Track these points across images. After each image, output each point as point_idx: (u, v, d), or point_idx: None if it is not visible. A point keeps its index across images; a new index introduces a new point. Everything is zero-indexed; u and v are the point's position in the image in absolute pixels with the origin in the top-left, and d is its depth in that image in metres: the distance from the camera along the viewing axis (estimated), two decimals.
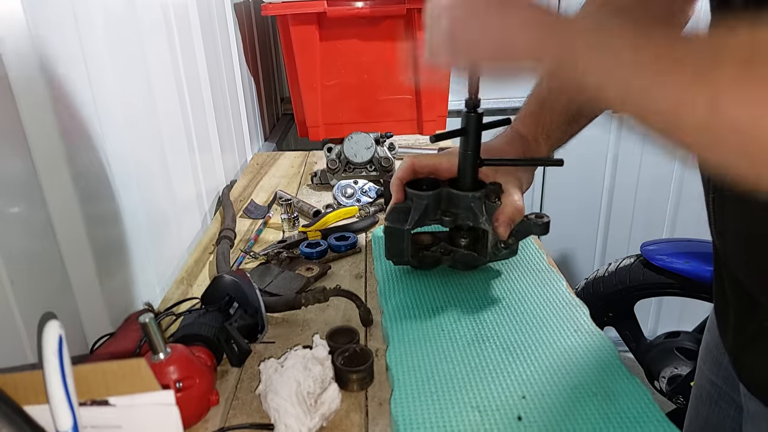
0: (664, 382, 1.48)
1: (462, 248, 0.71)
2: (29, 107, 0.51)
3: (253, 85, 1.50)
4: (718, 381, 0.70)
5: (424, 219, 0.68)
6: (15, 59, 0.49)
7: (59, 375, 0.35)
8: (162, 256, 0.80)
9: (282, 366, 0.52)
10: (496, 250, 0.68)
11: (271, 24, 1.80)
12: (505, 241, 0.66)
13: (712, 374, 0.71)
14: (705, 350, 0.73)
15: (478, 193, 0.65)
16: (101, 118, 0.64)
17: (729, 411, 0.68)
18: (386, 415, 0.52)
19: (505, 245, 0.67)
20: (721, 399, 0.69)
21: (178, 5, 0.92)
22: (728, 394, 0.68)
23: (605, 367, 0.55)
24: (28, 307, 0.50)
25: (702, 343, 0.75)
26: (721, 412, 0.69)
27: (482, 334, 0.61)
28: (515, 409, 0.50)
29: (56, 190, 0.55)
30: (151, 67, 0.79)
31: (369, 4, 1.28)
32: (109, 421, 0.41)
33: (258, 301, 0.62)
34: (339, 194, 1.03)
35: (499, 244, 0.67)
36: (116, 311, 0.65)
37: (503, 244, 0.67)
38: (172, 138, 0.86)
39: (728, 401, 0.68)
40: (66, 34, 0.59)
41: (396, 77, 1.38)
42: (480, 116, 0.63)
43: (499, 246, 0.68)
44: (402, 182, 0.69)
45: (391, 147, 1.13)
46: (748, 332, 0.56)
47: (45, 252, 0.54)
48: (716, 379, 0.70)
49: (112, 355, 0.55)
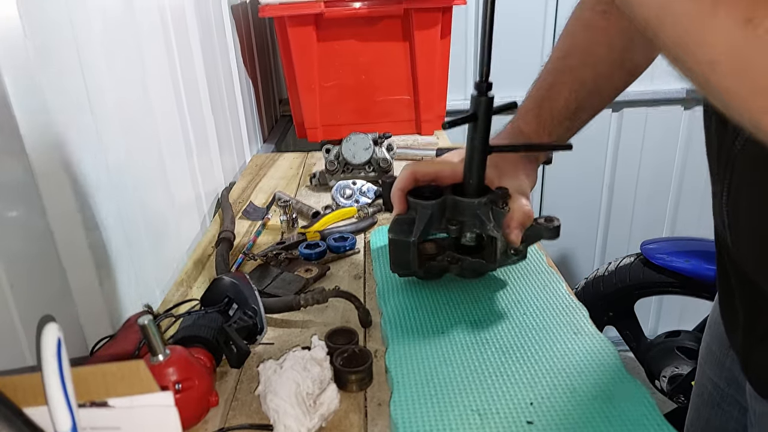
0: (665, 381, 1.48)
1: (469, 256, 0.68)
2: (26, 111, 0.51)
3: (251, 87, 1.50)
4: (720, 382, 0.69)
5: (429, 229, 0.65)
6: (11, 63, 0.49)
7: (58, 377, 0.35)
8: (161, 258, 0.80)
9: (281, 367, 0.53)
10: (506, 256, 0.66)
11: (268, 25, 1.80)
12: (516, 247, 0.64)
13: (714, 375, 0.70)
14: (706, 350, 0.72)
15: (484, 198, 0.63)
16: (98, 120, 0.64)
17: (732, 412, 0.67)
18: (385, 416, 0.52)
19: (515, 251, 0.65)
20: (724, 401, 0.68)
21: (175, 7, 0.92)
22: (731, 395, 0.67)
23: (606, 369, 0.55)
24: (28, 310, 0.50)
25: (702, 343, 0.74)
26: (723, 413, 0.69)
27: (482, 337, 0.61)
28: (514, 412, 0.50)
29: (54, 193, 0.55)
30: (148, 69, 0.79)
31: (366, 5, 1.28)
32: (108, 422, 0.41)
33: (257, 303, 0.62)
34: (338, 195, 1.03)
35: (509, 250, 0.65)
36: (116, 313, 0.65)
37: (513, 250, 0.64)
38: (170, 140, 0.86)
39: (731, 403, 0.67)
40: (62, 38, 0.59)
41: (394, 77, 1.38)
42: (491, 100, 0.61)
43: (509, 252, 0.65)
44: (403, 192, 0.67)
45: (389, 148, 1.13)
46: (758, 332, 0.55)
47: (44, 255, 0.54)
48: (718, 380, 0.69)
49: (111, 357, 0.55)
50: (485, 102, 0.61)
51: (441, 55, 1.37)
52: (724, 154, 0.52)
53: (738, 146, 0.50)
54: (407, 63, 1.37)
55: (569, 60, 0.69)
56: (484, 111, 0.61)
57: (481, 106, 0.61)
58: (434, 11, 1.30)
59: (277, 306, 0.67)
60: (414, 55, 1.35)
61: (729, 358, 0.67)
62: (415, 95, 1.40)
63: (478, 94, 0.60)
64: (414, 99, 1.41)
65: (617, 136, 2.04)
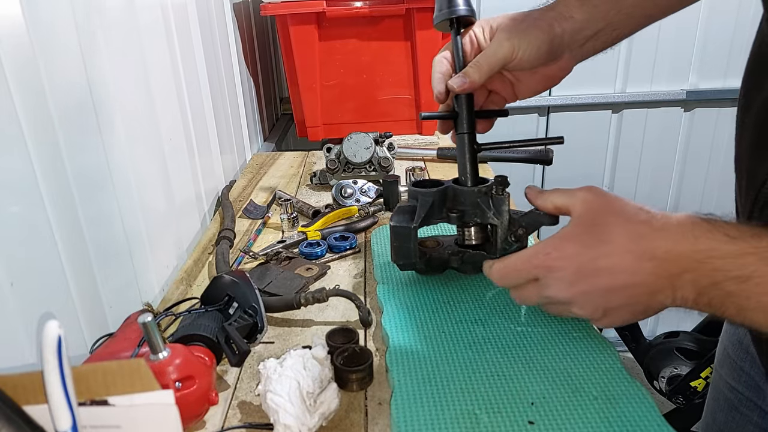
0: (664, 382, 1.48)
1: (470, 249, 0.68)
2: (28, 109, 0.51)
3: (252, 86, 1.50)
4: (738, 386, 0.67)
5: (430, 217, 0.66)
6: (14, 61, 0.49)
7: (58, 375, 0.35)
8: (161, 257, 0.80)
9: (281, 366, 0.52)
10: (507, 245, 0.65)
11: (270, 24, 1.80)
12: (516, 233, 0.63)
13: (731, 379, 0.69)
14: (722, 355, 0.71)
15: (483, 187, 0.64)
16: (100, 118, 0.64)
17: (751, 416, 0.66)
18: (386, 415, 0.52)
19: (516, 238, 0.64)
20: (742, 404, 0.67)
21: (177, 6, 0.92)
22: (751, 399, 0.66)
23: (606, 370, 0.55)
24: (28, 308, 0.50)
25: (719, 347, 0.72)
26: (742, 417, 0.67)
27: (482, 337, 0.61)
28: (516, 412, 0.50)
29: (55, 190, 0.55)
30: (150, 67, 0.79)
31: (368, 4, 1.28)
32: (109, 420, 0.41)
33: (257, 301, 0.62)
34: (338, 194, 1.03)
35: (510, 238, 0.64)
36: (116, 312, 0.65)
37: (514, 237, 0.64)
38: (171, 138, 0.86)
39: (750, 407, 0.66)
40: (65, 36, 0.58)
41: (395, 77, 1.38)
42: (470, 96, 0.63)
43: (509, 240, 0.65)
44: (444, 78, 0.64)
45: (390, 147, 1.13)
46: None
47: (44, 253, 0.54)
48: (737, 384, 0.68)
49: (111, 355, 0.55)
50: (465, 99, 0.63)
51: None
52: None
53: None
54: (408, 62, 1.37)
55: None
56: (465, 107, 0.63)
57: (462, 103, 0.63)
58: None
59: (277, 305, 0.67)
60: (415, 55, 1.35)
61: (747, 362, 0.66)
62: (416, 95, 1.40)
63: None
64: (415, 98, 1.41)
65: (617, 136, 2.04)
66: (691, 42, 1.96)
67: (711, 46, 1.95)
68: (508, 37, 0.60)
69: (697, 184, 2.12)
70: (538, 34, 0.59)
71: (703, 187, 2.16)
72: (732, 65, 1.98)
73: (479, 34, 0.63)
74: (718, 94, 2.00)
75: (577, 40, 0.61)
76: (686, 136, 2.08)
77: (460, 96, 0.63)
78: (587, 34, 0.61)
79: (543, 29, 0.60)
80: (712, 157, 2.11)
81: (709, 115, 2.06)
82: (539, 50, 0.60)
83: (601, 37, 0.62)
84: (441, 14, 0.64)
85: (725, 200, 2.19)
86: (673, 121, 2.05)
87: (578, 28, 0.61)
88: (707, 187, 2.16)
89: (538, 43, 0.59)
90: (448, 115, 0.65)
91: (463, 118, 0.64)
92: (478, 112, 0.66)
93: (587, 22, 0.61)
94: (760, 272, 0.40)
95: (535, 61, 0.60)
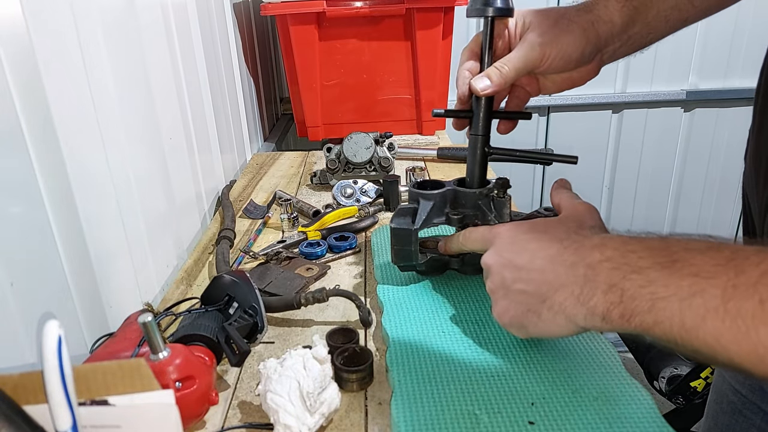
0: (664, 382, 1.48)
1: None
2: (28, 109, 0.51)
3: (252, 85, 1.50)
4: (742, 390, 0.67)
5: (430, 219, 0.65)
6: (14, 62, 0.49)
7: (58, 375, 0.35)
8: (161, 257, 0.80)
9: (281, 366, 0.52)
10: None
11: (270, 24, 1.80)
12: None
13: (735, 383, 0.68)
14: None
15: (485, 189, 0.64)
16: (100, 118, 0.64)
17: (754, 420, 0.66)
18: (386, 415, 0.52)
19: None
20: (745, 407, 0.67)
21: (177, 6, 0.92)
22: (754, 402, 0.66)
23: (606, 370, 0.55)
24: (28, 308, 0.50)
25: None
26: (745, 421, 0.67)
27: (483, 337, 0.61)
28: (516, 412, 0.50)
29: (55, 190, 0.55)
30: (150, 67, 0.79)
31: (368, 4, 1.28)
32: (109, 420, 0.41)
33: (257, 301, 0.62)
34: (338, 194, 1.03)
35: None
36: (116, 312, 0.65)
37: None
38: (171, 138, 0.86)
39: (754, 410, 0.66)
40: (65, 37, 0.58)
41: (396, 77, 1.38)
42: (490, 99, 0.61)
43: None
44: (469, 78, 0.62)
45: (390, 147, 1.13)
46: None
47: (44, 253, 0.54)
48: (740, 387, 0.68)
49: (111, 355, 0.55)
50: (485, 100, 0.61)
51: (442, 55, 1.37)
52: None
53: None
54: (409, 62, 1.37)
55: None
56: (484, 109, 0.62)
57: (480, 104, 0.62)
58: (436, 11, 1.30)
59: (277, 305, 0.67)
60: (416, 55, 1.35)
61: None
62: (416, 95, 1.40)
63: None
64: (415, 98, 1.41)
65: (617, 137, 2.04)
66: (691, 42, 1.96)
67: (711, 46, 1.96)
68: (540, 43, 0.57)
69: (697, 184, 2.12)
70: (571, 41, 0.57)
71: (703, 187, 2.16)
72: (732, 65, 1.99)
73: (511, 27, 0.61)
74: (718, 94, 2.00)
75: (612, 44, 0.60)
76: (686, 136, 2.08)
77: (479, 97, 0.61)
78: (623, 38, 0.60)
79: (577, 35, 0.58)
80: (712, 157, 2.12)
81: (709, 116, 2.06)
82: (570, 57, 0.58)
83: (635, 40, 0.61)
84: (475, 10, 0.59)
85: (725, 200, 2.19)
86: (673, 121, 2.06)
87: (617, 32, 0.59)
88: (707, 187, 2.16)
89: (570, 50, 0.58)
90: (462, 113, 0.63)
91: (479, 119, 0.62)
92: (499, 113, 0.65)
93: (625, 25, 0.59)
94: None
95: (564, 67, 0.59)
